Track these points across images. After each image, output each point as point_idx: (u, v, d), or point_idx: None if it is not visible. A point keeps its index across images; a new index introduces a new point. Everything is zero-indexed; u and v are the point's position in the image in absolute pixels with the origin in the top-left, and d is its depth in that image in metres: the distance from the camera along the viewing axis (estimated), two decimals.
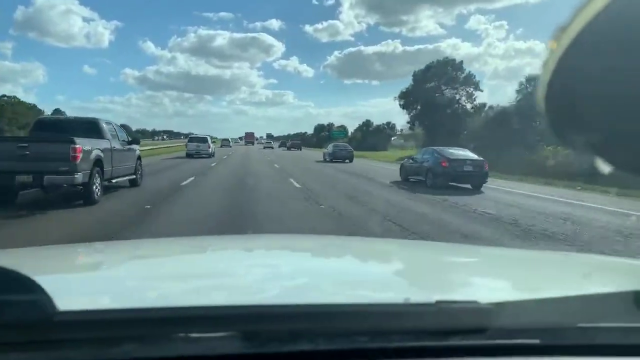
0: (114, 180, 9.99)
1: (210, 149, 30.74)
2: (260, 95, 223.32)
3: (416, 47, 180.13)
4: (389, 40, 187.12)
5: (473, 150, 15.35)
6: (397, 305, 0.80)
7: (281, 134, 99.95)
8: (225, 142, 65.02)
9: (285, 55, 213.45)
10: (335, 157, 31.25)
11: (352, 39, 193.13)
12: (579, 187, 14.67)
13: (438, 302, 0.75)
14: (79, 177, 7.97)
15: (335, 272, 1.33)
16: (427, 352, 0.74)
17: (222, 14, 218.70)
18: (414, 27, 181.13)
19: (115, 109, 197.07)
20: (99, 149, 8.85)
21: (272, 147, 65.39)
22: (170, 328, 0.70)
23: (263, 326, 0.73)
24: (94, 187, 8.50)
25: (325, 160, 31.37)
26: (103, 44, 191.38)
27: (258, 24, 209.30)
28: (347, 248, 1.87)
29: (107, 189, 9.66)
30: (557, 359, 0.77)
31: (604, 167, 0.58)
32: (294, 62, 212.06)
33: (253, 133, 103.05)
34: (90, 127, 9.60)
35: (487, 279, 1.32)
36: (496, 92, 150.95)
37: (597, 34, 0.50)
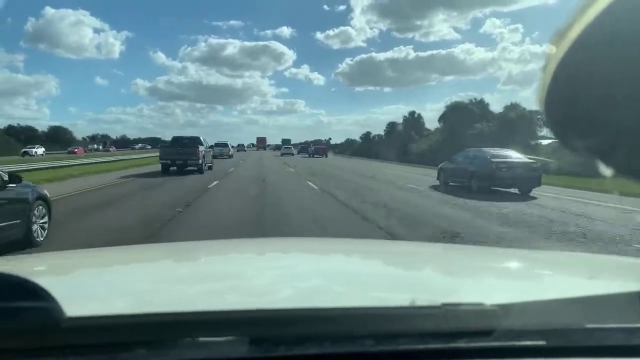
0: (206, 165, 21.83)
1: (230, 152, 44.47)
2: (271, 105, 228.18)
3: (429, 52, 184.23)
4: (401, 46, 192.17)
5: None
6: (404, 308, 0.81)
7: (294, 142, 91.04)
8: (240, 147, 78.82)
9: (297, 64, 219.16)
10: (513, 184, 12.85)
11: (364, 45, 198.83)
12: None
13: (444, 305, 0.76)
14: (200, 162, 20.18)
15: (343, 276, 1.35)
16: (433, 354, 0.74)
17: (233, 22, 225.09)
18: (427, 32, 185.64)
19: (128, 119, 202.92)
20: (203, 150, 20.87)
21: (293, 154, 59.15)
22: (178, 332, 0.71)
23: (271, 330, 0.74)
24: (203, 167, 20.58)
25: (442, 183, 15.16)
26: (114, 54, 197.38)
27: (269, 32, 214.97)
28: (356, 251, 1.90)
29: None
30: None
31: (605, 171, 0.57)
32: (305, 70, 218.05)
33: (265, 138, 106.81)
34: (196, 140, 21.74)
35: (492, 280, 1.32)
36: (510, 98, 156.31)
37: (596, 37, 0.50)
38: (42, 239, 6.06)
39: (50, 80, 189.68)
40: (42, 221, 6.15)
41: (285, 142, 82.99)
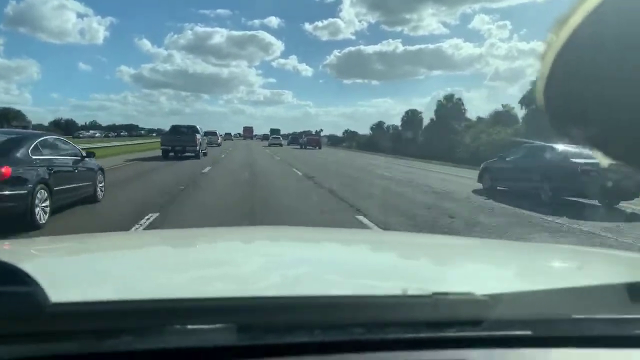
0: (202, 152, 24.48)
1: (219, 140, 46.76)
2: (258, 95, 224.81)
3: (417, 46, 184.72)
4: (390, 40, 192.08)
5: None
6: (394, 297, 0.81)
7: (283, 133, 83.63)
8: (227, 136, 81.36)
9: (285, 54, 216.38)
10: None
11: (353, 37, 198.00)
12: None
13: (434, 294, 0.76)
14: (197, 149, 22.95)
15: (334, 264, 1.35)
16: (423, 343, 0.75)
17: (220, 10, 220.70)
18: (416, 26, 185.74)
19: (112, 106, 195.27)
20: (200, 138, 23.68)
21: (281, 144, 55.82)
22: (165, 320, 0.71)
23: (259, 318, 0.74)
24: (200, 153, 23.32)
25: (488, 187, 12.30)
26: (98, 40, 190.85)
27: (257, 22, 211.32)
28: (347, 240, 1.92)
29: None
30: (551, 349, 0.78)
31: (603, 161, 0.58)
32: (293, 61, 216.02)
33: (251, 128, 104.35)
34: (194, 129, 24.45)
35: (483, 270, 1.35)
36: (496, 94, 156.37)
37: (596, 26, 0.50)
38: (102, 196, 8.77)
39: (31, 65, 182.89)
40: (101, 185, 8.86)
41: (274, 131, 74.63)
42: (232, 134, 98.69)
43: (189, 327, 0.70)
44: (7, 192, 5.76)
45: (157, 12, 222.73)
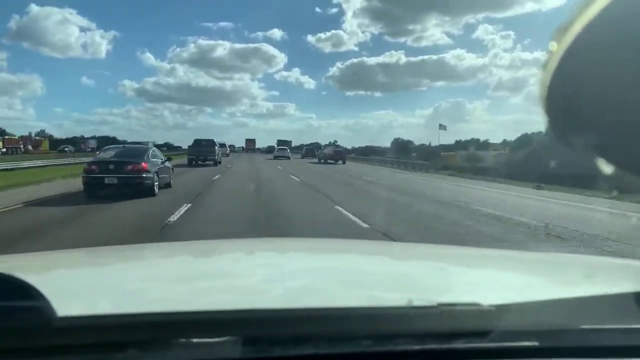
0: (218, 161, 30.51)
1: (227, 151, 53.01)
2: (261, 108, 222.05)
3: (420, 57, 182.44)
4: (393, 51, 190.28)
5: None
6: (400, 308, 0.80)
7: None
8: (232, 148, 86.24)
9: (287, 67, 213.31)
10: None
11: (356, 49, 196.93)
12: None
13: (440, 305, 0.76)
14: (217, 158, 29.39)
15: (338, 275, 1.35)
16: (430, 355, 0.74)
17: (223, 23, 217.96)
18: (419, 37, 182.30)
19: (115, 120, 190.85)
20: (217, 149, 29.96)
21: (289, 157, 47.79)
22: (171, 333, 0.71)
23: (265, 331, 0.74)
24: (218, 160, 29.56)
25: None
26: (101, 54, 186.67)
27: (260, 34, 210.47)
28: (351, 251, 1.93)
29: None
30: None
31: (605, 168, 0.57)
32: (295, 74, 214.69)
33: (254, 140, 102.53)
34: (212, 142, 30.73)
35: (489, 280, 1.34)
36: (500, 104, 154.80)
37: (597, 35, 0.50)
38: (172, 185, 14.35)
39: (35, 79, 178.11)
40: (172, 178, 14.46)
41: (282, 143, 65.43)
42: (236, 146, 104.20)
43: (195, 340, 0.71)
44: (145, 175, 11.57)
45: (160, 26, 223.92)
